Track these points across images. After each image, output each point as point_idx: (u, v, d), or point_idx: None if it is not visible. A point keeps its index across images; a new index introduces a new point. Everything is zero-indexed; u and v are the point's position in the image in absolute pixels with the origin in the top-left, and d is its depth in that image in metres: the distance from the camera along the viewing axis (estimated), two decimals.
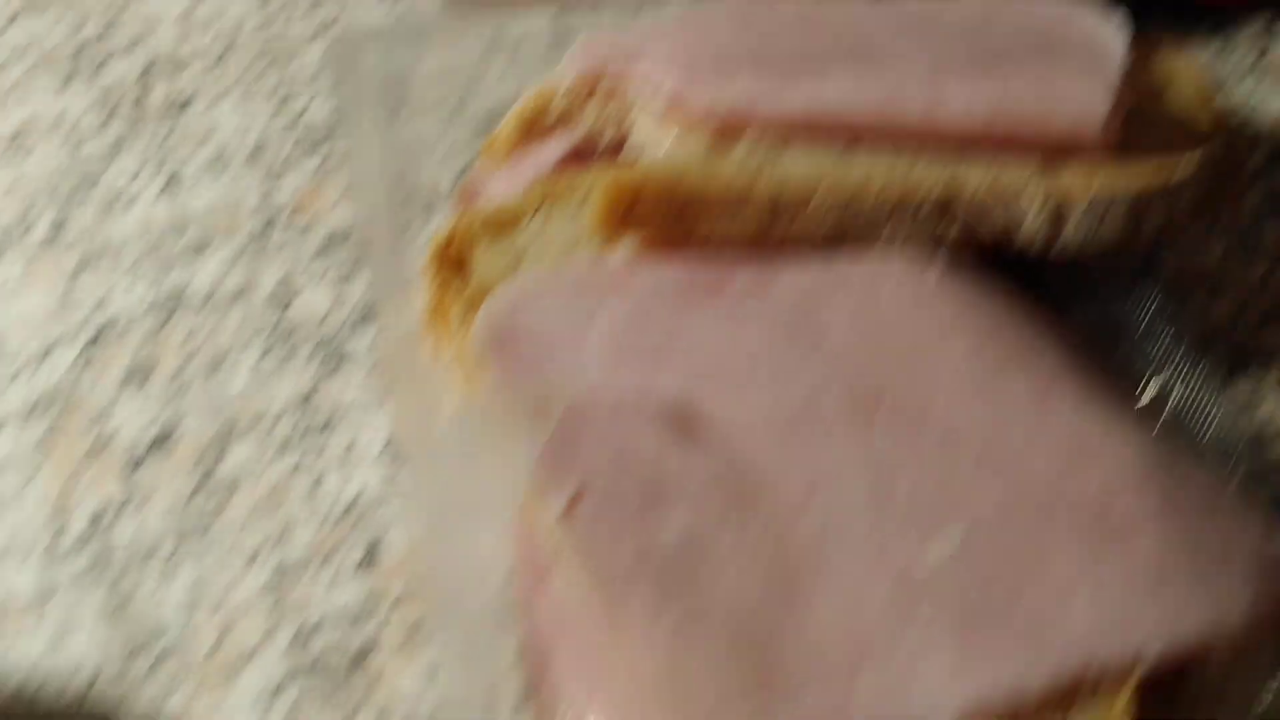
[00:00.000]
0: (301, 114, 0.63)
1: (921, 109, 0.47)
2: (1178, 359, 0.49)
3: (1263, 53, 0.64)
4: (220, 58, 0.66)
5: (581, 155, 0.55)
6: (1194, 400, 0.48)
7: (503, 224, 0.50)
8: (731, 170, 0.48)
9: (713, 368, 0.45)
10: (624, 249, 0.48)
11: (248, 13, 0.68)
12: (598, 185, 0.50)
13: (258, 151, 0.62)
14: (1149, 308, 0.50)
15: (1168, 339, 0.49)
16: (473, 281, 0.48)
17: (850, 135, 0.48)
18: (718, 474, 0.43)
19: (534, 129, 0.54)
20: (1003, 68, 0.48)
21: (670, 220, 0.47)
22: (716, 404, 0.44)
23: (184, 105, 0.64)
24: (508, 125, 0.54)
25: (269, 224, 0.59)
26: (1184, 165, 0.47)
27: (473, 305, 0.47)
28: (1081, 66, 0.48)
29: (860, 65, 0.49)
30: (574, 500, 0.42)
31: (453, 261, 0.49)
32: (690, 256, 0.48)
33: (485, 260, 0.49)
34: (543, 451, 0.43)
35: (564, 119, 0.54)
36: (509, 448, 0.44)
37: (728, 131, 0.49)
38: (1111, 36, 0.51)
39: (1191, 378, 0.48)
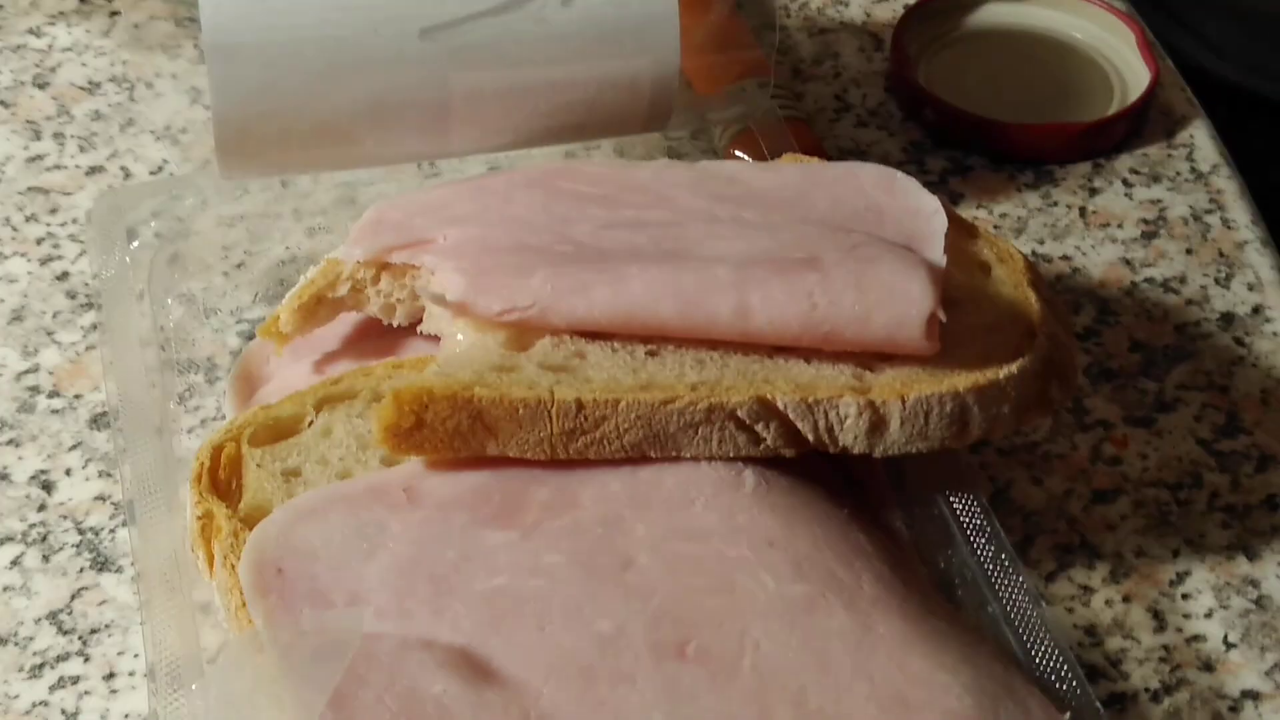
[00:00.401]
0: (70, 269, 0.58)
1: (729, 317, 0.44)
2: (1002, 562, 0.46)
3: (1086, 203, 0.62)
4: None
5: (368, 337, 0.51)
6: (1019, 608, 0.45)
7: (278, 432, 0.45)
8: (529, 375, 0.44)
9: (508, 603, 0.41)
10: (410, 463, 0.44)
11: (11, 152, 0.63)
12: (382, 391, 0.46)
13: (18, 315, 0.57)
14: (972, 506, 0.47)
15: (992, 541, 0.46)
16: (244, 502, 0.44)
17: (655, 337, 0.45)
18: None
19: (317, 309, 0.50)
20: (817, 264, 0.45)
21: (462, 432, 0.43)
22: (511, 645, 0.40)
23: None
24: (288, 306, 0.49)
25: (27, 403, 0.54)
26: (1010, 362, 0.45)
27: (244, 528, 0.43)
28: (901, 260, 0.45)
29: (664, 262, 0.45)
30: None
31: (222, 481, 0.44)
32: (485, 470, 0.44)
33: (257, 478, 0.44)
34: (322, 705, 0.39)
35: (350, 299, 0.50)
36: (281, 691, 0.40)
37: (525, 330, 0.45)
38: (933, 216, 0.49)
39: (1015, 583, 0.46)
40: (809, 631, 0.41)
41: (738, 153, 0.60)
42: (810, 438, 0.45)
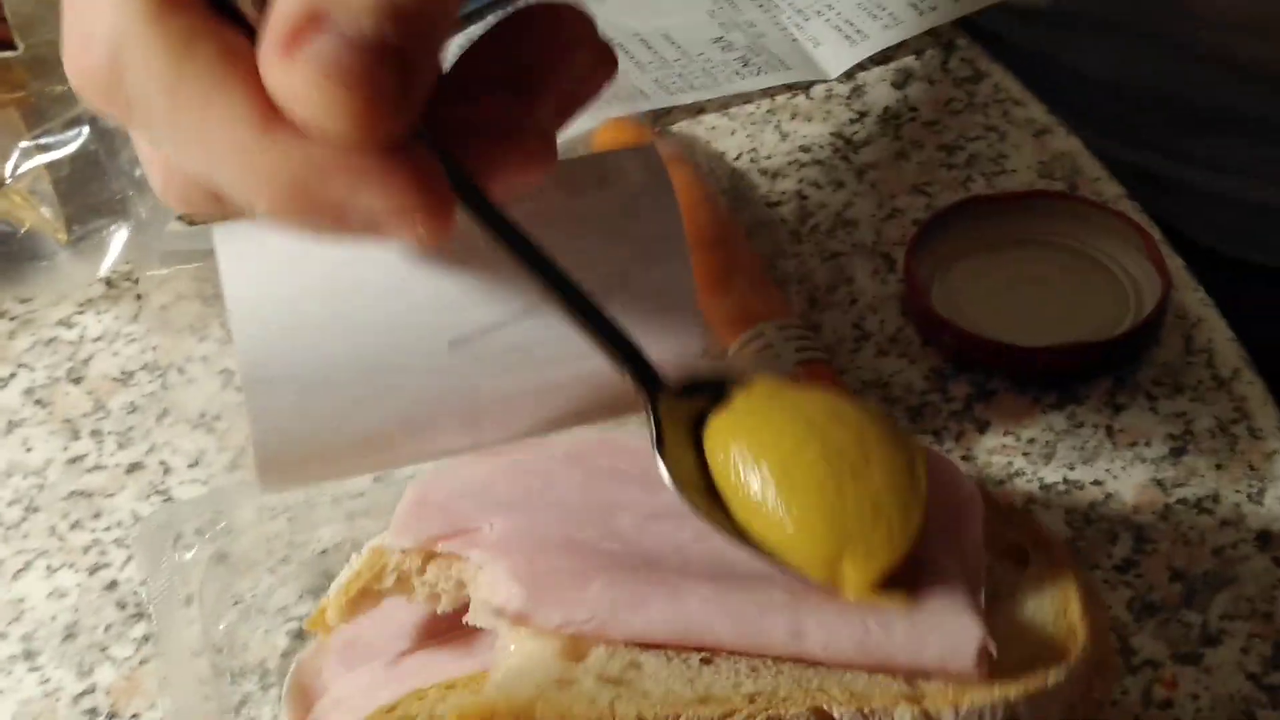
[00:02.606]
0: (118, 577, 0.59)
1: (784, 639, 0.45)
2: None
3: (1112, 421, 0.63)
4: (26, 514, 0.62)
5: (419, 632, 0.52)
6: None
7: None
8: (588, 690, 0.45)
9: None
10: None
11: (51, 455, 0.64)
12: (438, 714, 0.47)
13: (71, 633, 0.57)
14: None
15: None
16: None
17: (711, 649, 0.46)
18: None
19: (363, 600, 0.51)
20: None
21: None
22: None
23: None
24: (335, 601, 0.50)
25: None
26: (1054, 674, 0.45)
27: None
28: (951, 588, 0.46)
29: (718, 579, 0.46)
30: None
31: None
32: None
33: None
34: None
35: (396, 589, 0.50)
36: None
37: (581, 640, 0.46)
38: (968, 501, 0.49)
39: None
40: None
41: None
42: None
